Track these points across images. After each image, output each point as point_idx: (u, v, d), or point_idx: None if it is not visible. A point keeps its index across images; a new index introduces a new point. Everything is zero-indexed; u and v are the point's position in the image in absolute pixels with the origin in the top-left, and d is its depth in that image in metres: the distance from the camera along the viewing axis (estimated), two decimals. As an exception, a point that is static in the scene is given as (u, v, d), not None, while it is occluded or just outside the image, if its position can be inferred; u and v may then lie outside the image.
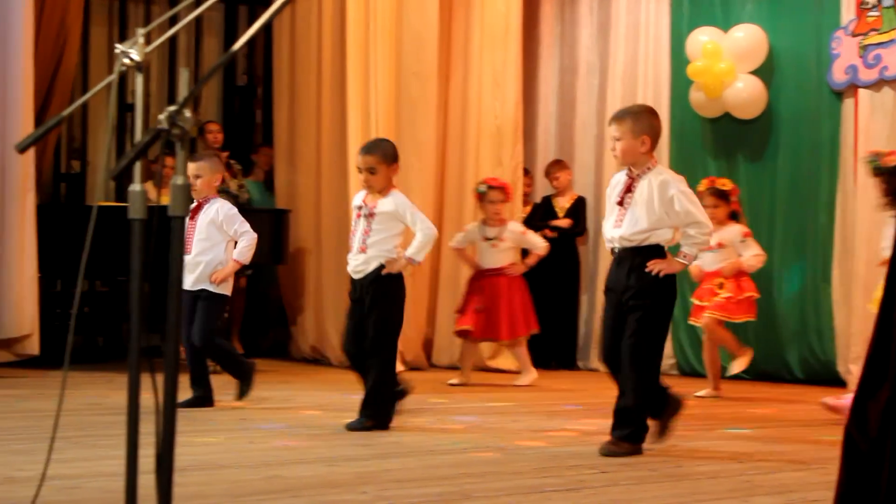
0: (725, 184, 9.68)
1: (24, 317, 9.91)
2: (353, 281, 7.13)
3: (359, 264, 7.03)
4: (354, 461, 5.84)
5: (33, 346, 10.02)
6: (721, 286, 9.51)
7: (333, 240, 11.49)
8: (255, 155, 12.72)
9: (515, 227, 10.33)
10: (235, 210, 8.00)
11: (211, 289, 7.84)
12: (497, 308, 10.09)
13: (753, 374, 10.39)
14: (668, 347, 11.12)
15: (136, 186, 3.14)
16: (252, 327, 12.60)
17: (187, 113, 2.76)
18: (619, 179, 6.36)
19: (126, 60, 3.19)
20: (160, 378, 2.92)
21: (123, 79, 3.41)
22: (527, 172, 12.03)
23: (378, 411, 6.97)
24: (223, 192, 11.28)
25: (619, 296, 6.28)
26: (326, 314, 11.69)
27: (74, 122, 12.72)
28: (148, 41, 3.09)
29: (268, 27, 12.66)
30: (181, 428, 3.19)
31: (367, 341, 6.96)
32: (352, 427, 6.89)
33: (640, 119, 6.30)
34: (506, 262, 10.24)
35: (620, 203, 6.28)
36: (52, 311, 11.45)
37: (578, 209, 11.74)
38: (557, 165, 11.83)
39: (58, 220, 10.52)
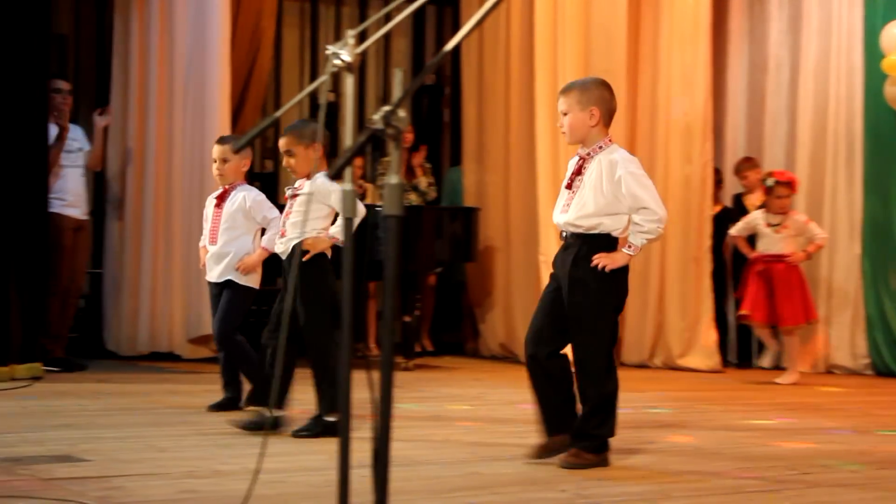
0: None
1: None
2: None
3: None
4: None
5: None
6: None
7: (522, 237, 11.50)
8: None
9: (800, 216, 10.38)
10: (263, 196, 7.46)
11: (237, 280, 7.35)
12: (778, 294, 10.15)
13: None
14: (863, 346, 10.95)
15: (346, 186, 3.18)
16: (441, 325, 12.67)
17: (401, 113, 2.79)
18: (574, 162, 5.80)
19: (337, 61, 3.22)
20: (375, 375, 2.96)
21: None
22: (716, 171, 11.89)
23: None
24: (413, 189, 11.39)
25: (559, 281, 5.71)
26: (515, 311, 11.71)
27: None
28: (358, 42, 3.12)
29: (458, 27, 12.77)
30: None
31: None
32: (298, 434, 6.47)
33: (588, 90, 5.67)
34: (787, 249, 10.25)
35: (569, 186, 5.70)
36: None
37: (770, 206, 11.58)
38: (747, 163, 11.68)
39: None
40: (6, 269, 8.69)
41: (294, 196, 6.57)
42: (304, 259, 6.43)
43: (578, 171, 5.69)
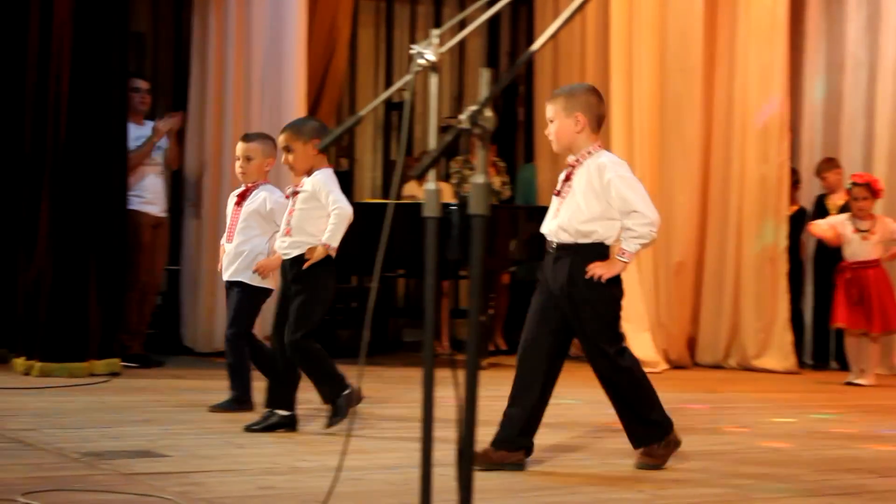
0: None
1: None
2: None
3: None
4: (631, 459, 5.81)
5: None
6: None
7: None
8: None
9: (890, 223, 10.28)
10: (283, 201, 6.98)
11: (250, 281, 7.17)
12: (869, 300, 10.11)
13: None
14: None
15: (430, 185, 3.19)
16: (515, 324, 12.64)
17: (488, 112, 2.79)
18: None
19: (421, 61, 3.23)
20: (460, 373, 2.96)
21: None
22: (793, 171, 11.80)
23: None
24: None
25: (552, 293, 5.55)
26: (589, 311, 11.67)
27: (343, 119, 13.01)
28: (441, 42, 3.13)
29: (532, 25, 12.77)
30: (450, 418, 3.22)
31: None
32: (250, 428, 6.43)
33: (574, 96, 5.54)
34: (874, 255, 10.19)
35: (558, 193, 5.53)
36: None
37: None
38: (827, 164, 11.56)
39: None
40: (86, 266, 8.79)
41: (295, 193, 6.49)
42: (303, 267, 6.39)
43: (567, 178, 5.54)
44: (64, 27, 8.80)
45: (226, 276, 7.30)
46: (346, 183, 12.79)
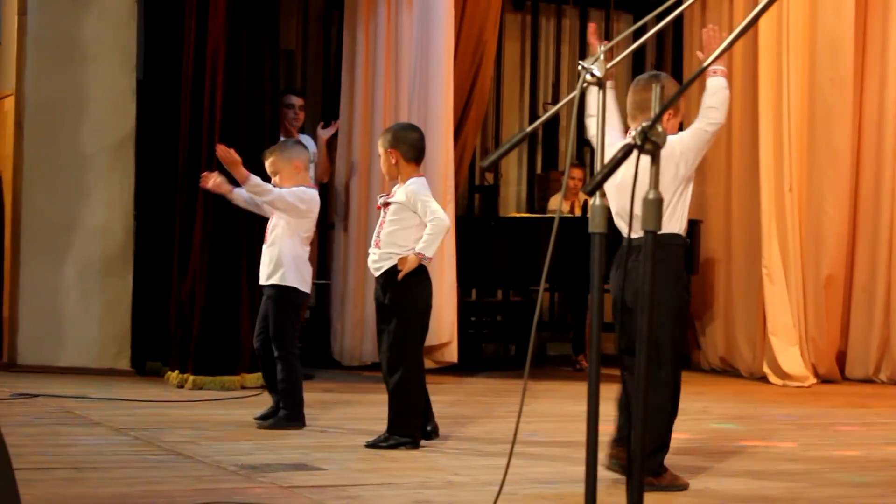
0: None
1: (444, 325, 10.19)
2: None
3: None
4: (783, 477, 5.74)
5: (452, 354, 10.30)
6: None
7: (743, 249, 11.36)
8: None
9: None
10: (295, 189, 7.17)
11: (285, 283, 7.15)
12: None
13: None
14: None
15: (596, 200, 3.19)
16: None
17: (659, 128, 2.78)
18: None
19: (588, 77, 3.23)
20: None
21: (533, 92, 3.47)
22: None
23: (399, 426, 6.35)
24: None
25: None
26: (737, 325, 11.57)
27: (488, 134, 13.05)
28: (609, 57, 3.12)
29: (678, 37, 12.68)
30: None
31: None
32: (370, 445, 6.31)
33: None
34: None
35: None
36: (468, 320, 11.75)
37: None
38: None
39: (473, 231, 10.83)
40: (238, 281, 8.92)
41: (386, 204, 6.47)
42: (398, 278, 6.36)
43: None
44: (218, 46, 8.97)
45: (262, 280, 7.28)
46: (492, 197, 12.84)
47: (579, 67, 3.25)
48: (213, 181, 7.34)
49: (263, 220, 8.96)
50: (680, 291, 5.32)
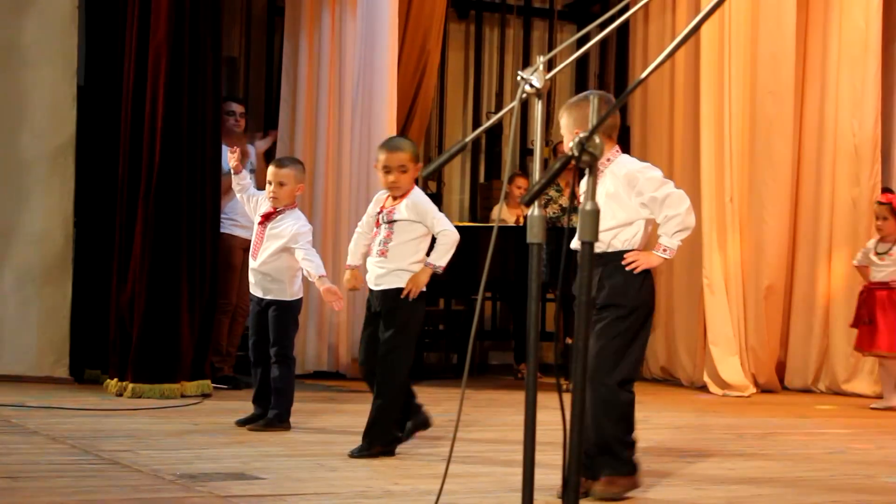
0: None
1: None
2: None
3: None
4: (723, 485, 5.77)
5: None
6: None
7: (685, 260, 11.42)
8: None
9: None
10: (308, 228, 7.42)
11: (283, 298, 7.36)
12: (875, 321, 9.91)
13: None
14: None
15: (535, 210, 3.19)
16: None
17: (597, 139, 2.79)
18: None
19: (528, 87, 3.23)
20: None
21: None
22: (890, 191, 11.67)
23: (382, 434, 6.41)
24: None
25: None
26: (678, 335, 11.63)
27: (431, 143, 13.05)
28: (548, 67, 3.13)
29: (622, 48, 12.74)
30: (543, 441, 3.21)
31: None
32: (353, 454, 6.28)
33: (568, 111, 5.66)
34: (891, 277, 9.97)
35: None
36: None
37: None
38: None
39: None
40: (178, 288, 8.87)
41: (390, 222, 6.43)
42: (410, 299, 6.36)
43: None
44: (160, 52, 8.91)
45: (257, 294, 7.41)
46: (435, 203, 12.83)
47: (518, 78, 3.25)
48: (237, 157, 7.57)
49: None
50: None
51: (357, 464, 6.13)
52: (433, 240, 6.50)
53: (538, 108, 3.25)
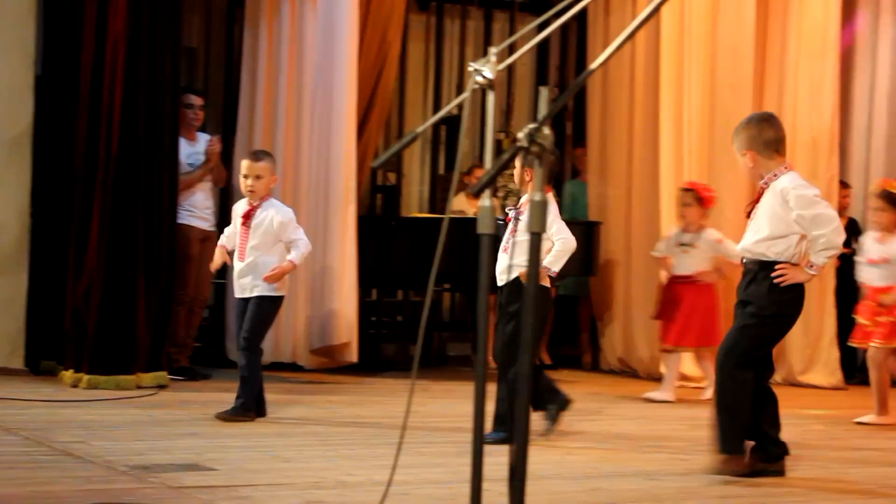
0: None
1: (344, 325, 10.20)
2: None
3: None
4: (676, 476, 5.80)
5: (352, 354, 10.30)
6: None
7: (643, 251, 11.43)
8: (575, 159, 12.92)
9: (712, 234, 9.75)
10: (291, 216, 7.50)
11: (267, 293, 7.38)
12: (682, 315, 9.60)
13: None
14: None
15: (485, 202, 3.19)
16: (559, 338, 12.59)
17: (546, 130, 2.79)
18: None
19: (479, 79, 3.23)
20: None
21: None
22: (845, 185, 11.76)
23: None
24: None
25: None
26: (635, 326, 11.65)
27: (391, 134, 13.02)
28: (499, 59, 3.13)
29: (582, 40, 12.76)
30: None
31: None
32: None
33: (737, 134, 6.31)
34: (698, 269, 9.66)
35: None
36: (368, 320, 11.73)
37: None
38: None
39: (374, 231, 10.80)
40: (134, 279, 8.82)
41: (517, 218, 6.68)
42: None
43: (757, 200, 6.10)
44: (118, 41, 8.84)
45: (243, 294, 7.46)
46: (394, 197, 12.83)
47: (470, 69, 3.25)
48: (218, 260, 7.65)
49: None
50: None
51: (311, 455, 6.15)
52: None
53: (490, 99, 3.25)
